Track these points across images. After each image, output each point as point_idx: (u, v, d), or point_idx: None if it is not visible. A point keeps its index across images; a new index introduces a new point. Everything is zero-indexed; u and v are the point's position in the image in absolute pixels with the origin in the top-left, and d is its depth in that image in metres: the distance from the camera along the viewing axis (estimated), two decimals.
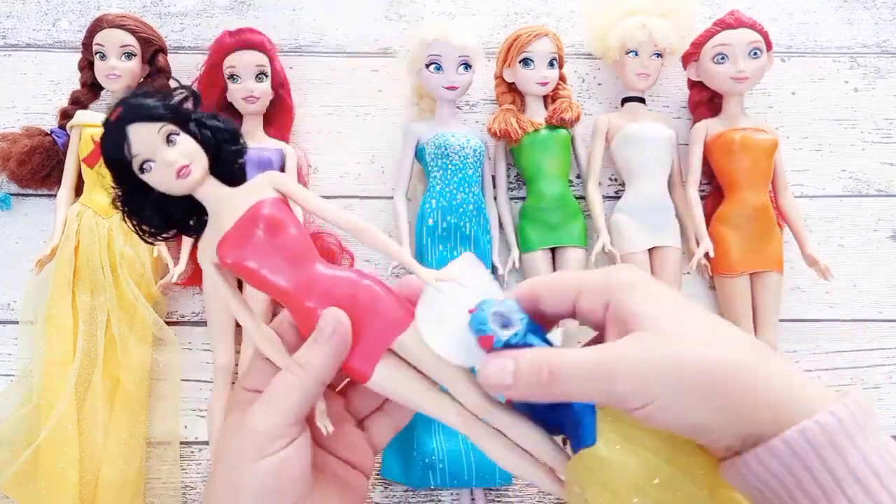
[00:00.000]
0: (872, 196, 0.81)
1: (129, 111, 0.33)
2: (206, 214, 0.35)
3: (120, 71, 0.72)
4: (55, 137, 0.74)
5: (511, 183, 0.79)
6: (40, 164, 0.73)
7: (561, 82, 0.76)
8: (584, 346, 0.31)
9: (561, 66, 0.76)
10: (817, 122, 0.82)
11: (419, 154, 0.75)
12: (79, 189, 0.73)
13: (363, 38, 0.82)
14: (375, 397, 0.37)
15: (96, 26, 0.72)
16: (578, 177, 0.79)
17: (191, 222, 0.36)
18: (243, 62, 0.72)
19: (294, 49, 0.81)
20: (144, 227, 0.35)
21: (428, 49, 0.71)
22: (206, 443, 0.70)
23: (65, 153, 0.73)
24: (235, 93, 0.72)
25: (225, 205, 0.34)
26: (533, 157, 0.74)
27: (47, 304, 0.69)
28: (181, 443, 0.70)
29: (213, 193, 0.34)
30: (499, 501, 0.71)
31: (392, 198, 0.74)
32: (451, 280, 0.33)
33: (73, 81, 0.76)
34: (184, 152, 0.33)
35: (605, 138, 0.76)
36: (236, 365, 0.70)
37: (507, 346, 0.30)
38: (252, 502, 0.31)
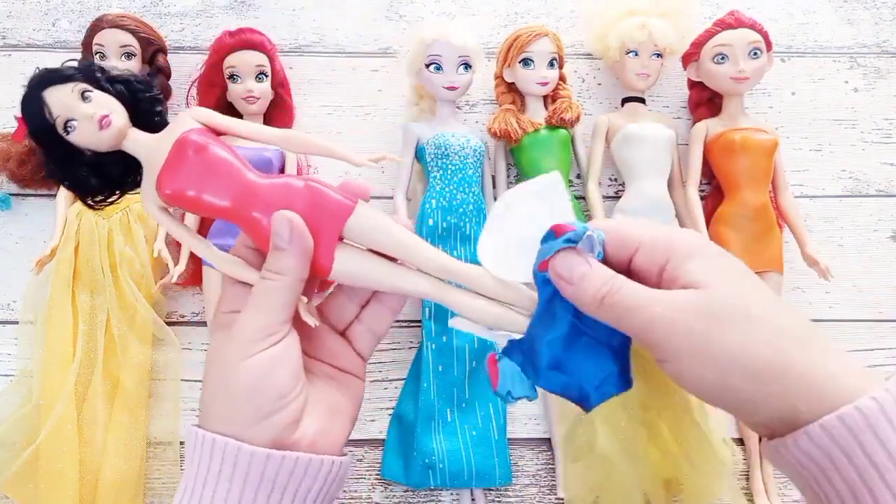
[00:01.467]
0: (872, 196, 0.81)
1: (39, 79, 0.35)
2: (142, 169, 0.36)
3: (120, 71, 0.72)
4: None
5: (511, 183, 0.79)
6: (40, 164, 0.73)
7: (561, 82, 0.76)
8: None
9: (561, 66, 0.76)
10: (817, 122, 0.82)
11: (419, 154, 0.75)
12: None
13: (363, 38, 0.82)
14: (349, 307, 0.38)
15: (96, 26, 0.72)
16: (578, 177, 0.79)
17: (129, 180, 0.37)
18: (243, 62, 0.72)
19: (294, 49, 0.81)
20: (88, 193, 0.37)
21: (428, 49, 0.71)
22: None
23: None
24: (235, 93, 0.72)
25: (154, 148, 0.35)
26: (533, 157, 0.74)
27: (47, 304, 0.69)
28: (181, 443, 0.69)
29: (140, 142, 0.36)
30: (499, 501, 0.71)
31: (392, 198, 0.74)
32: (382, 160, 0.36)
33: None
34: (101, 105, 0.35)
35: (605, 138, 0.76)
36: None
37: None
38: (245, 396, 0.32)
